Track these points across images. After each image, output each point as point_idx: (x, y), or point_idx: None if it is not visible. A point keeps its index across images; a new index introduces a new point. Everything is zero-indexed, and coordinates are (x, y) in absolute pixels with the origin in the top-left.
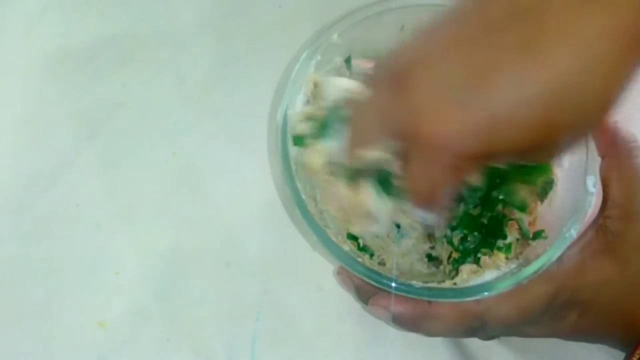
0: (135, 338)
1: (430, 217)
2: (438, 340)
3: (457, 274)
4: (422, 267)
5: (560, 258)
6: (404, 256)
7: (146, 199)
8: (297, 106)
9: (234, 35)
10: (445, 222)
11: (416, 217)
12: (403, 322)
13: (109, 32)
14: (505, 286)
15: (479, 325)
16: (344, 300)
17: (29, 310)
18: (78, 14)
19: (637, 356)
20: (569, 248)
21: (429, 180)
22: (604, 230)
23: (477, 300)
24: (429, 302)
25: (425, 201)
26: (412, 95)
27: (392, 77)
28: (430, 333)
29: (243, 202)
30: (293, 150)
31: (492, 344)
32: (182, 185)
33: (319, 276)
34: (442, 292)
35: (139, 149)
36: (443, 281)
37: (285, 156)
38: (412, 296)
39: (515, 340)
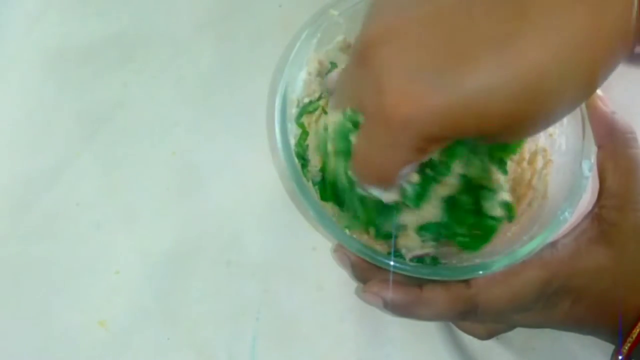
0: (135, 338)
1: (381, 193)
2: (438, 340)
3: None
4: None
5: (555, 245)
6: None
7: (146, 198)
8: (298, 85)
9: (234, 35)
10: (398, 194)
11: (365, 191)
12: (395, 308)
13: (109, 32)
14: (499, 266)
15: (470, 310)
16: (344, 299)
17: (29, 310)
18: (78, 13)
19: (629, 344)
20: (564, 236)
21: (384, 160)
22: (600, 219)
23: (469, 284)
24: (420, 287)
25: (377, 180)
26: (377, 71)
27: (360, 49)
28: (421, 318)
29: (243, 201)
30: (292, 126)
31: (492, 344)
32: (182, 184)
33: (319, 276)
34: (437, 271)
35: (139, 148)
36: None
37: (284, 130)
38: (407, 274)
39: (515, 340)
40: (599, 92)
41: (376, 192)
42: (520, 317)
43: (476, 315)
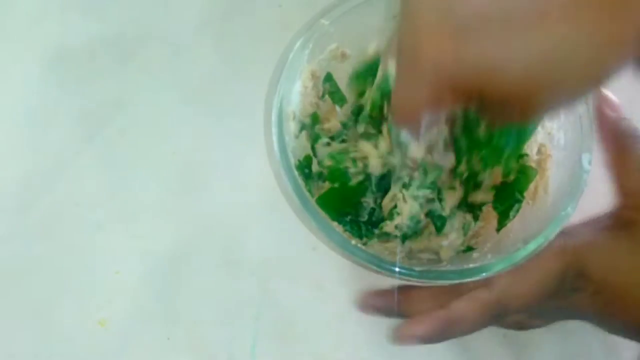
0: (136, 337)
1: (408, 140)
2: None
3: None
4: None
5: (571, 234)
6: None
7: (146, 198)
8: (294, 97)
9: (234, 35)
10: (423, 150)
11: (398, 138)
12: (431, 339)
13: (109, 32)
14: (502, 267)
15: (501, 312)
16: (344, 299)
17: (29, 310)
18: (78, 14)
19: None
20: (581, 226)
21: (411, 97)
22: (619, 219)
23: (490, 289)
24: (442, 307)
25: (404, 118)
26: (419, 26)
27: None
28: (460, 335)
29: (243, 201)
30: (290, 139)
31: (492, 344)
32: (182, 184)
33: (319, 275)
34: (443, 274)
35: (139, 148)
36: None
37: (282, 144)
38: (414, 279)
39: (516, 340)
40: (608, 94)
41: (406, 139)
42: (549, 305)
43: (508, 316)
